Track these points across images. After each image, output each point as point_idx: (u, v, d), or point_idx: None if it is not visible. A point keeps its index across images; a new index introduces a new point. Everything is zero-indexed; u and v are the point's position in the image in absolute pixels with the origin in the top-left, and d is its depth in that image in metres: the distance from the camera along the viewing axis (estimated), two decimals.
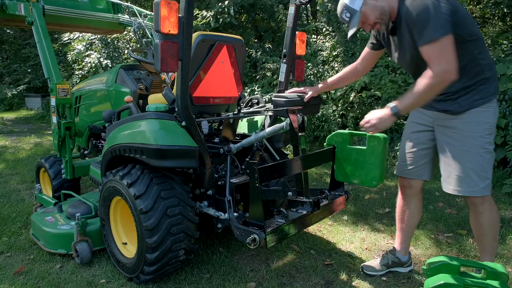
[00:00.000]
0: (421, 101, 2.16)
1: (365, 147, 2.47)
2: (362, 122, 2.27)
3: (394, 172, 2.71)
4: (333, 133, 2.65)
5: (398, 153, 2.81)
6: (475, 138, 2.22)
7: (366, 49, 2.65)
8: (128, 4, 4.73)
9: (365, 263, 2.83)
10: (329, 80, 2.79)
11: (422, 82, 2.05)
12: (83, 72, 9.35)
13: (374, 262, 2.81)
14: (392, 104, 2.16)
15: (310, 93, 2.70)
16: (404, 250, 2.76)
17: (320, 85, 2.77)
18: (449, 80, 2.03)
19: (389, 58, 6.29)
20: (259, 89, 7.65)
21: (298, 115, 2.61)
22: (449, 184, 2.34)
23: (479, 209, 2.34)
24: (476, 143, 2.22)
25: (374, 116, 2.21)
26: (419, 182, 2.58)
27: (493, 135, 2.26)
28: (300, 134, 2.56)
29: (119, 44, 10.00)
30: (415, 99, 2.12)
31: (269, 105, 2.93)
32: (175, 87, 2.40)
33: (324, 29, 8.15)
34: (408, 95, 2.14)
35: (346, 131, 2.59)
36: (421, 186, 2.61)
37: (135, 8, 4.64)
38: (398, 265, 2.77)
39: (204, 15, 7.96)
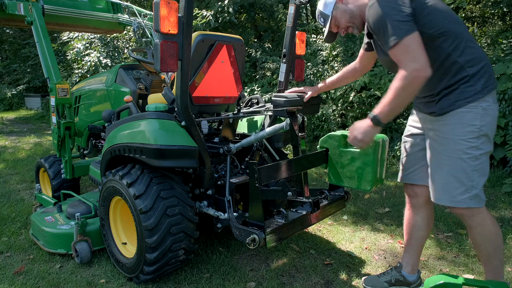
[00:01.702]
0: (399, 105, 2.00)
1: (358, 150, 2.38)
2: (349, 139, 2.18)
3: (398, 180, 2.54)
4: (326, 135, 2.57)
5: (399, 154, 2.76)
6: (456, 142, 2.04)
7: (362, 50, 2.63)
8: (128, 3, 4.74)
9: (366, 277, 2.64)
10: (329, 80, 2.78)
11: (395, 85, 1.95)
12: (82, 71, 9.36)
13: (376, 278, 2.59)
14: (372, 113, 2.06)
15: (309, 93, 2.68)
16: (411, 268, 2.50)
17: (320, 85, 2.76)
18: (422, 78, 1.90)
19: None
20: (259, 88, 7.66)
21: (298, 115, 2.60)
22: (432, 192, 2.18)
23: (468, 222, 2.15)
24: (458, 148, 2.03)
25: (358, 131, 2.11)
26: (423, 190, 2.34)
27: (482, 139, 2.02)
28: (300, 134, 2.56)
29: (118, 43, 10.01)
30: (392, 104, 1.98)
31: (269, 105, 2.93)
32: (174, 86, 2.40)
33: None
34: (385, 101, 2.00)
35: (339, 133, 2.49)
36: (428, 196, 2.29)
37: (135, 7, 4.64)
38: (402, 284, 2.51)
39: (204, 14, 7.96)
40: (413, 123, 2.40)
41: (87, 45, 9.55)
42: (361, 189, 2.44)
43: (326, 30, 2.36)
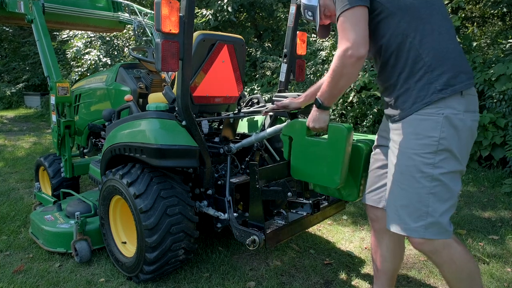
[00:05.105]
0: (337, 87, 1.79)
1: (325, 140, 2.04)
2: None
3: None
4: (289, 122, 2.24)
5: None
6: (410, 156, 1.68)
7: None
8: (128, 2, 4.72)
9: None
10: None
11: (332, 64, 1.74)
12: (82, 70, 9.35)
13: None
14: (316, 97, 1.92)
15: (302, 99, 2.47)
16: None
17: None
18: (352, 58, 1.65)
19: None
20: (259, 88, 7.66)
21: (298, 116, 2.60)
22: (387, 216, 1.83)
23: (432, 259, 1.78)
24: (411, 163, 1.68)
25: (309, 118, 2.00)
26: (385, 215, 1.89)
27: (441, 156, 1.63)
28: None
29: (118, 42, 10.00)
30: (330, 86, 1.79)
31: (270, 105, 2.93)
32: (175, 86, 2.40)
33: None
34: (324, 83, 1.83)
35: (305, 120, 2.10)
36: None
37: (135, 6, 4.63)
38: None
39: (203, 13, 7.96)
40: (380, 132, 2.06)
41: (87, 43, 9.55)
42: (327, 185, 2.10)
43: (317, 24, 2.06)
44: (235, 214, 2.50)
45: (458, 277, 1.76)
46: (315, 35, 8.12)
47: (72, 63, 10.97)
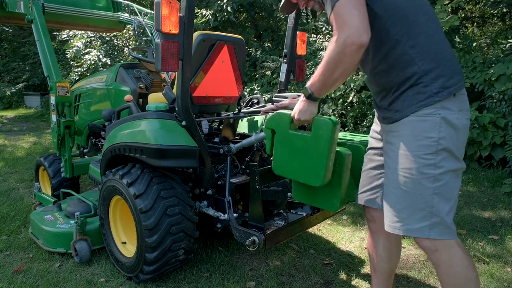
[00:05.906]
0: (331, 78, 1.66)
1: (309, 134, 1.86)
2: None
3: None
4: (273, 114, 2.05)
5: None
6: (410, 158, 1.66)
7: None
8: (128, 2, 4.73)
9: None
10: None
11: (327, 51, 1.62)
12: (82, 70, 9.35)
13: None
14: (305, 86, 1.78)
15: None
16: None
17: None
18: (356, 44, 1.52)
19: None
20: (259, 88, 7.66)
21: None
22: (386, 218, 1.80)
23: (431, 258, 1.74)
24: (412, 166, 1.66)
25: (295, 108, 1.86)
26: (381, 215, 1.89)
27: (441, 155, 1.62)
28: None
29: (118, 42, 10.00)
30: (324, 76, 1.67)
31: (269, 105, 2.93)
32: (175, 86, 2.40)
33: (324, 28, 8.14)
34: (317, 72, 1.70)
35: (289, 112, 1.94)
36: None
37: (135, 6, 4.64)
38: None
39: (203, 13, 7.96)
40: (373, 134, 2.04)
41: (86, 43, 9.55)
42: (310, 184, 1.92)
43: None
44: (235, 214, 2.50)
45: (454, 283, 1.71)
46: (315, 35, 8.13)
47: (72, 63, 10.98)
